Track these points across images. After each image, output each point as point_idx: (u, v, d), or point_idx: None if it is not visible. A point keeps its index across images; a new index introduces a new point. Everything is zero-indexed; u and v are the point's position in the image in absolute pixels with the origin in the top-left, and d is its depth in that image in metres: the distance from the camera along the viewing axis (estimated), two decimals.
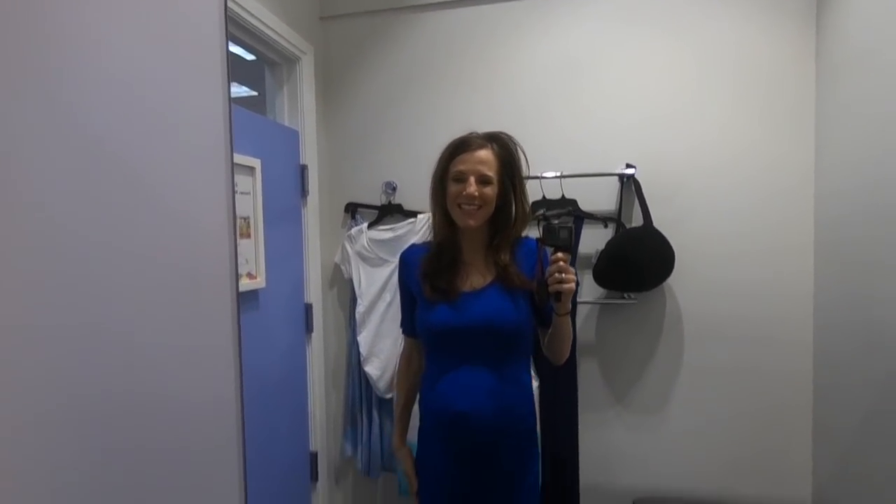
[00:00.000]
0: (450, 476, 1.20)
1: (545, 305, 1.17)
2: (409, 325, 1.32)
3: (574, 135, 1.77)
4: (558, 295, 1.11)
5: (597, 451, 1.81)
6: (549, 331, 1.20)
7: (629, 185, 1.72)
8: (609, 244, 1.65)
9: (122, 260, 0.71)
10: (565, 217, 1.68)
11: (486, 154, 1.19)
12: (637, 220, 1.71)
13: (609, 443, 1.81)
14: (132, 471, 0.71)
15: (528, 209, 1.25)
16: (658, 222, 1.66)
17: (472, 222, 1.18)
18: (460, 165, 1.18)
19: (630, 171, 1.69)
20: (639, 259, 1.63)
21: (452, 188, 1.19)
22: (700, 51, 1.69)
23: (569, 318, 1.18)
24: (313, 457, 1.87)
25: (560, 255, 1.10)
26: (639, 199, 1.67)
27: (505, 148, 1.21)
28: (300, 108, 1.83)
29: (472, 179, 1.16)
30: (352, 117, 1.96)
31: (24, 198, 0.64)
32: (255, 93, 2.94)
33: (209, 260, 0.70)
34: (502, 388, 1.17)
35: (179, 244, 0.71)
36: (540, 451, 1.29)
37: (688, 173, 1.70)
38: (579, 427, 1.74)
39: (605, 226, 1.73)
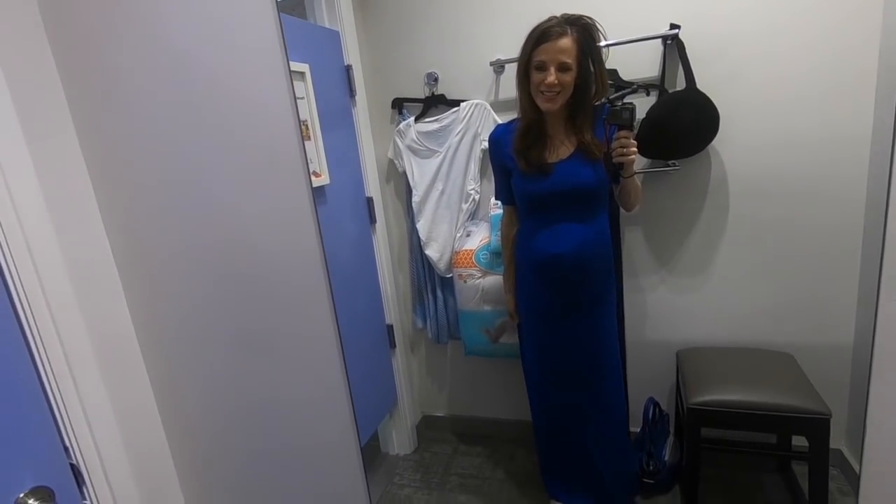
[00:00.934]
0: (546, 303, 1.53)
1: (612, 170, 1.42)
2: (506, 194, 1.58)
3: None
4: (622, 164, 1.36)
5: (640, 312, 1.97)
6: (619, 188, 1.48)
7: (672, 48, 1.67)
8: (650, 111, 1.65)
9: (219, 154, 0.90)
10: (627, 100, 1.72)
11: (565, 42, 1.31)
12: (680, 85, 1.68)
13: (653, 304, 1.95)
14: (245, 316, 0.96)
15: (606, 82, 1.42)
16: (703, 83, 1.63)
17: (552, 106, 1.37)
18: (542, 55, 1.33)
19: (674, 31, 1.64)
20: (681, 124, 1.64)
21: (535, 76, 1.35)
22: None
23: (634, 179, 1.45)
24: (389, 328, 2.18)
25: (623, 132, 1.33)
26: (682, 60, 1.63)
27: (584, 31, 1.34)
28: (338, 7, 1.87)
29: (552, 69, 1.32)
30: (388, 12, 1.98)
31: (145, 113, 0.83)
32: None
33: (284, 150, 0.87)
34: (584, 236, 1.45)
35: (258, 138, 0.87)
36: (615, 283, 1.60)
37: (737, 28, 1.62)
38: (624, 291, 1.90)
39: (647, 93, 1.72)
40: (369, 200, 2.05)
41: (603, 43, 1.55)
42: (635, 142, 1.34)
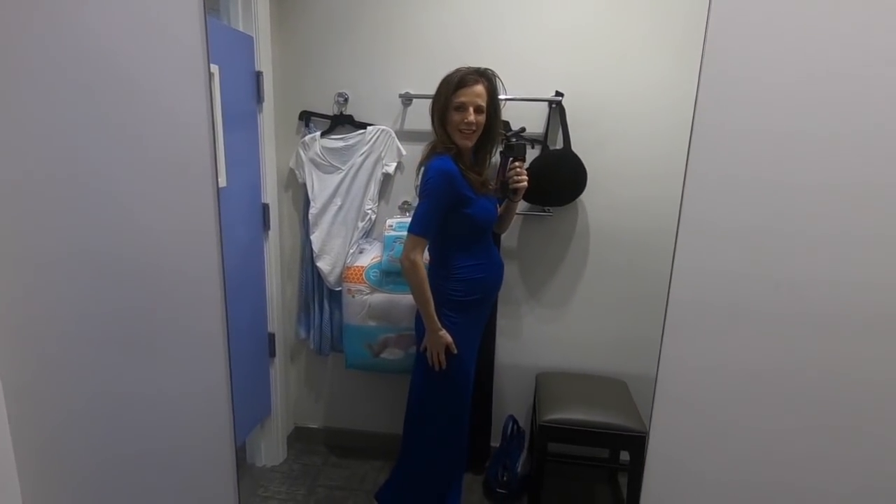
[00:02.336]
0: (479, 333, 1.75)
1: (505, 197, 1.70)
2: (435, 229, 1.57)
3: (511, 60, 1.93)
4: (515, 190, 1.64)
5: (513, 337, 2.19)
6: (503, 209, 1.74)
7: (556, 111, 1.94)
8: (533, 162, 1.90)
9: (122, 153, 0.91)
10: (521, 137, 1.96)
11: (480, 88, 1.54)
12: (560, 144, 1.96)
13: (521, 330, 2.19)
14: (129, 315, 0.95)
15: (499, 129, 1.66)
16: (577, 146, 1.92)
17: (468, 142, 1.57)
18: (462, 98, 1.52)
19: (558, 98, 1.91)
20: (557, 178, 1.91)
21: (455, 116, 1.53)
22: None
23: (517, 205, 1.74)
24: (271, 337, 2.16)
25: (517, 163, 1.62)
26: (562, 124, 1.91)
27: (491, 82, 1.57)
28: (254, 12, 1.88)
29: (471, 109, 1.52)
30: (306, 25, 2.02)
31: (46, 111, 0.83)
32: None
33: (194, 153, 0.90)
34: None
35: (168, 140, 0.89)
36: None
37: (607, 107, 1.93)
38: (498, 316, 2.11)
39: (532, 147, 1.97)
40: (265, 207, 2.04)
41: (502, 96, 1.77)
42: (525, 172, 1.62)
